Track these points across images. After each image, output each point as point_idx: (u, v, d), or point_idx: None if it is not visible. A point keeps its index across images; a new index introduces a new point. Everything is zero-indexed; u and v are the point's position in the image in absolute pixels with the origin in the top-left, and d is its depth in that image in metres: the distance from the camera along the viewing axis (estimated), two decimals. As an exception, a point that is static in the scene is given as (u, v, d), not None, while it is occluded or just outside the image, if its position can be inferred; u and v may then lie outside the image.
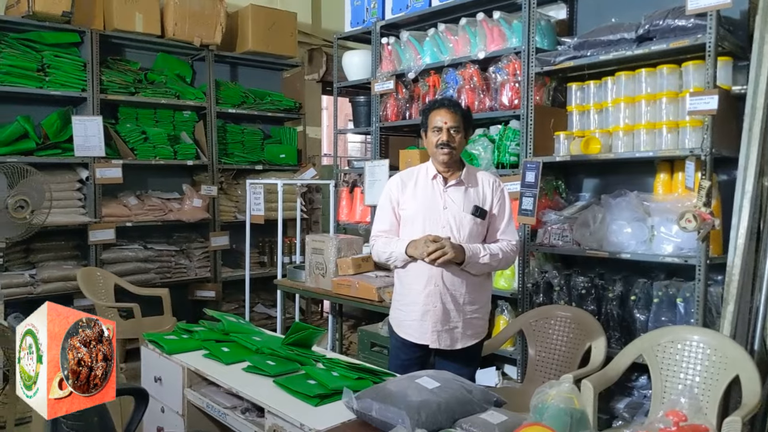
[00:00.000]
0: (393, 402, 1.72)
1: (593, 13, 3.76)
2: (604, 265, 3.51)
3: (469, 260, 2.52)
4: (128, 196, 4.99)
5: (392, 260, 2.66)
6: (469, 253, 2.51)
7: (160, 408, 2.41)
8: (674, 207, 3.07)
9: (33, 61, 4.40)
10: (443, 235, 2.53)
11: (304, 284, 4.08)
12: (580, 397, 1.49)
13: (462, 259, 2.51)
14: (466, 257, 2.51)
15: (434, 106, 2.64)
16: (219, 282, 5.36)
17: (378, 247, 2.71)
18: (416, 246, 2.53)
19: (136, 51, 5.19)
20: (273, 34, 5.56)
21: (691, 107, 2.87)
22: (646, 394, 3.22)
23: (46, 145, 4.49)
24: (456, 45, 4.05)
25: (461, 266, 2.54)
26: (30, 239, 4.21)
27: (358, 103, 4.91)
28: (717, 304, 3.01)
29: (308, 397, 1.90)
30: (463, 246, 2.51)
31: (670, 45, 3.02)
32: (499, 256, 2.59)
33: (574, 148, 3.44)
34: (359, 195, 4.79)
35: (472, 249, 2.53)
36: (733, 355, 2.54)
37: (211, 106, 5.30)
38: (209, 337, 2.50)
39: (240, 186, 5.51)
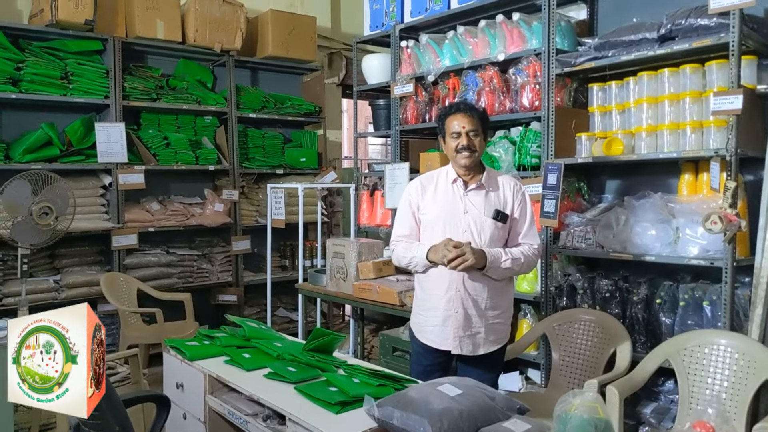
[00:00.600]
0: (414, 410, 1.71)
1: (614, 13, 3.71)
2: (629, 267, 3.46)
3: (491, 265, 2.49)
4: (151, 202, 5.04)
5: (413, 265, 2.65)
6: (491, 257, 2.49)
7: (182, 414, 2.42)
8: (699, 208, 3.03)
9: (57, 69, 4.48)
10: (464, 239, 2.51)
11: (325, 288, 4.09)
12: (605, 407, 1.47)
13: (483, 264, 2.48)
14: (488, 262, 2.48)
15: (450, 111, 2.62)
16: (241, 286, 5.40)
17: (398, 252, 2.69)
18: (436, 250, 2.52)
19: (157, 57, 5.26)
20: (293, 38, 5.59)
21: (715, 107, 2.82)
22: (673, 399, 3.17)
23: (70, 151, 4.56)
24: (475, 47, 4.02)
25: (483, 271, 2.52)
26: (54, 245, 4.27)
27: (378, 106, 4.91)
28: (745, 307, 2.96)
29: (329, 404, 1.90)
30: (484, 251, 2.49)
31: (693, 44, 2.97)
32: (521, 260, 2.56)
33: (596, 150, 3.40)
34: (380, 198, 4.78)
35: (493, 254, 2.51)
36: (762, 359, 2.49)
37: (232, 111, 5.33)
38: (230, 343, 2.51)
39: (261, 190, 5.54)
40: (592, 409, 1.44)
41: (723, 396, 2.54)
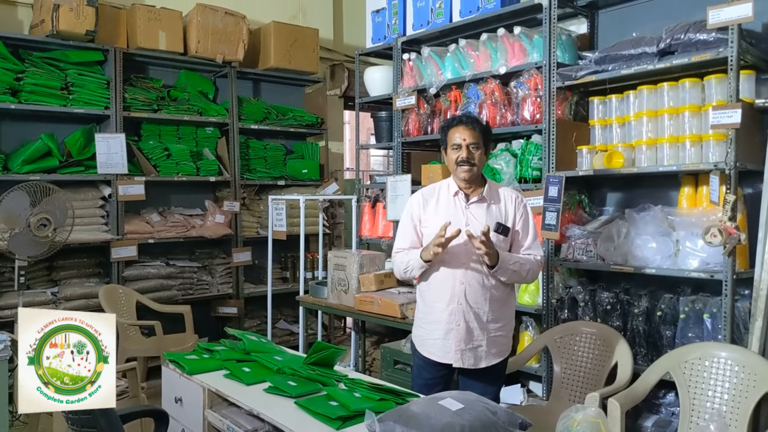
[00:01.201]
0: (416, 425, 1.71)
1: (614, 27, 3.74)
2: (630, 280, 3.46)
3: (501, 265, 2.49)
4: (151, 213, 5.04)
5: (409, 270, 2.63)
6: (502, 257, 2.49)
7: (181, 429, 2.41)
8: (699, 221, 3.04)
9: (57, 79, 4.48)
10: (465, 252, 2.51)
11: (327, 301, 4.08)
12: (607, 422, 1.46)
13: (495, 262, 2.48)
14: (499, 260, 2.48)
15: (452, 124, 2.64)
16: (241, 298, 5.38)
17: (397, 260, 2.70)
18: (427, 246, 2.51)
19: (159, 68, 5.27)
20: (295, 50, 5.61)
21: (714, 121, 2.84)
22: (674, 411, 3.16)
23: (69, 162, 4.55)
24: (477, 60, 4.04)
25: (492, 270, 2.51)
26: (52, 257, 4.25)
27: (380, 118, 4.93)
28: (744, 319, 2.96)
29: (330, 419, 1.89)
30: (498, 252, 2.49)
31: (692, 59, 2.99)
32: (526, 265, 2.57)
33: (597, 162, 3.41)
34: (381, 210, 4.79)
35: (504, 255, 2.52)
36: (762, 372, 2.50)
37: (234, 123, 5.34)
38: (230, 357, 2.51)
39: (262, 201, 5.54)
40: (594, 425, 1.43)
41: (723, 409, 2.54)
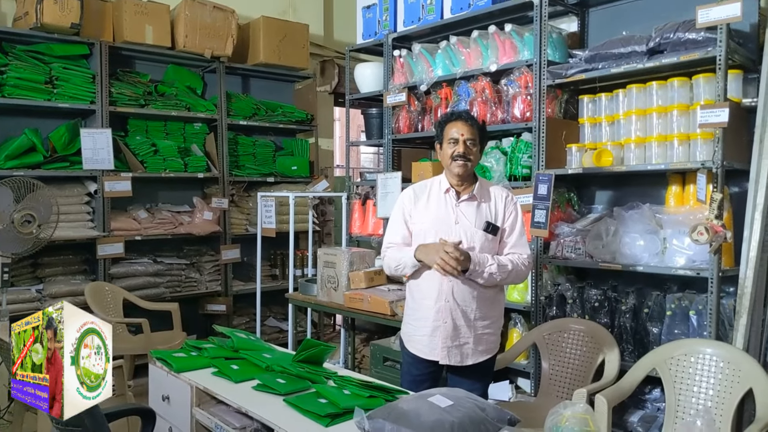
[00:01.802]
0: (405, 422, 1.70)
1: (604, 25, 3.75)
2: (617, 277, 3.49)
3: (474, 268, 2.48)
4: (138, 210, 4.99)
5: (401, 267, 2.63)
6: (476, 260, 2.48)
7: (168, 428, 2.39)
8: (686, 219, 3.06)
9: (41, 73, 4.41)
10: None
11: (316, 298, 4.07)
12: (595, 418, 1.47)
13: (466, 267, 2.47)
14: (471, 263, 2.47)
15: (450, 119, 2.63)
16: (230, 295, 5.36)
17: (387, 257, 2.69)
18: (427, 252, 2.51)
19: (146, 63, 5.21)
20: (285, 45, 5.57)
21: (702, 120, 2.85)
22: (660, 407, 3.19)
23: (54, 158, 4.49)
24: (468, 57, 4.04)
25: (465, 275, 2.50)
26: (37, 254, 4.19)
27: (371, 115, 4.91)
28: (729, 316, 2.99)
29: (319, 416, 1.88)
30: (469, 254, 2.48)
31: (681, 58, 3.01)
32: (508, 267, 2.54)
33: (587, 161, 3.43)
34: (372, 207, 4.78)
35: (478, 258, 2.50)
36: (746, 368, 2.53)
37: (222, 118, 5.31)
38: (218, 355, 2.49)
39: (251, 198, 5.51)
40: (583, 421, 1.44)
41: (708, 404, 2.57)
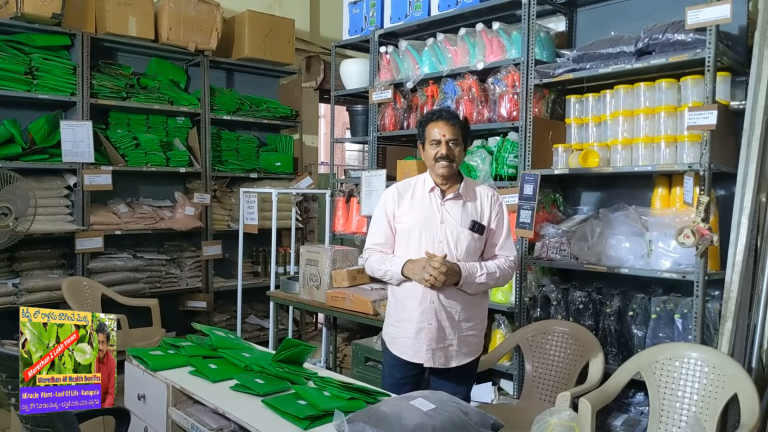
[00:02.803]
0: (386, 426, 1.66)
1: (593, 25, 3.73)
2: (602, 279, 3.47)
3: (465, 281, 2.46)
4: (118, 204, 4.91)
5: (387, 278, 2.60)
6: (465, 272, 2.45)
7: (144, 428, 2.33)
8: (672, 222, 3.04)
9: (21, 63, 4.32)
10: (440, 250, 2.47)
11: (298, 296, 4.01)
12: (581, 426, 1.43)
13: (457, 281, 2.45)
14: (462, 278, 2.45)
15: (432, 118, 2.58)
16: (211, 292, 5.28)
17: (372, 262, 2.63)
18: (414, 269, 2.47)
19: (128, 55, 5.12)
20: (270, 40, 5.51)
21: (690, 122, 2.84)
22: (644, 411, 3.18)
23: (33, 150, 4.40)
24: (455, 55, 4.01)
25: (457, 287, 2.48)
26: (14, 247, 4.12)
27: (356, 112, 4.86)
28: (714, 320, 2.98)
29: (298, 419, 1.83)
30: (459, 266, 2.45)
31: (670, 59, 2.99)
32: (496, 274, 2.53)
33: (573, 161, 3.40)
34: (356, 205, 4.73)
35: (468, 268, 2.47)
36: (731, 373, 2.52)
37: (206, 113, 5.23)
38: (196, 353, 2.43)
39: (234, 194, 5.44)
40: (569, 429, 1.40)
41: (693, 409, 2.55)
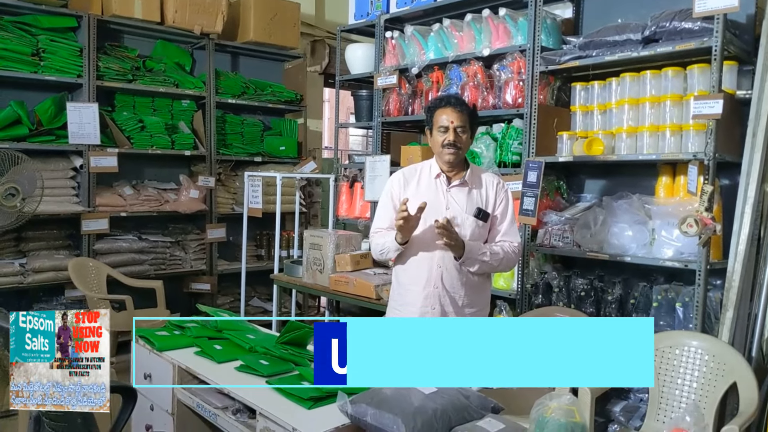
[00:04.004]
0: (388, 408, 1.69)
1: (599, 12, 3.71)
2: (604, 267, 3.48)
3: (468, 255, 2.46)
4: (123, 186, 4.93)
5: (386, 251, 2.59)
6: (468, 248, 2.46)
7: (150, 406, 2.38)
8: (676, 211, 3.04)
9: (28, 45, 4.33)
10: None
11: (301, 280, 4.04)
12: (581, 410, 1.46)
13: (460, 254, 2.46)
14: (465, 251, 2.45)
15: (440, 105, 2.58)
16: (215, 275, 5.32)
17: (374, 241, 2.66)
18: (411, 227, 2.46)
19: (134, 38, 5.13)
20: (275, 24, 5.50)
21: (695, 111, 2.83)
22: (643, 398, 3.20)
23: (40, 131, 4.42)
24: (460, 41, 3.99)
25: (459, 261, 2.49)
26: (21, 228, 4.15)
27: (361, 97, 4.86)
28: (716, 309, 2.99)
29: (302, 399, 1.87)
30: (463, 241, 2.47)
31: (676, 47, 2.98)
32: (499, 255, 2.54)
33: (577, 149, 3.40)
34: (359, 190, 4.74)
35: (471, 245, 2.49)
36: (731, 362, 2.53)
37: (211, 96, 5.24)
38: (202, 334, 2.46)
39: (238, 178, 5.46)
40: (569, 413, 1.43)
41: (692, 397, 2.57)
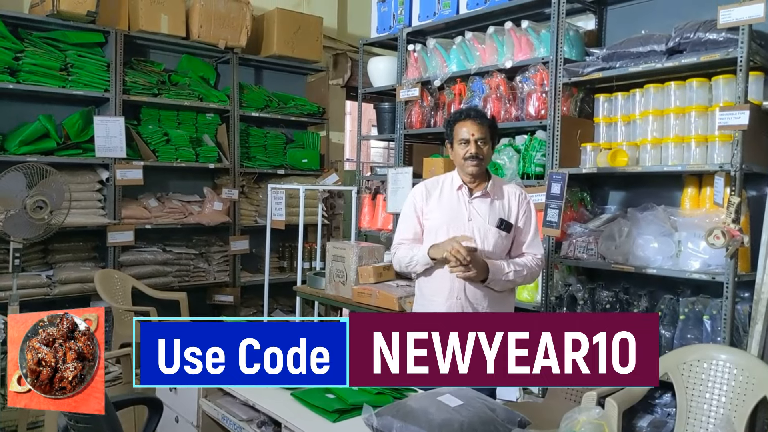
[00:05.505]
0: (414, 420, 1.69)
1: (622, 24, 3.69)
2: (630, 279, 3.44)
3: (492, 277, 2.47)
4: (148, 198, 5.00)
5: (413, 264, 2.60)
6: (493, 269, 2.47)
7: (174, 417, 2.39)
8: (702, 222, 3.01)
9: (56, 60, 4.42)
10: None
11: (324, 291, 4.05)
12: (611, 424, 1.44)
13: (485, 278, 2.46)
14: (490, 274, 2.46)
15: (460, 118, 2.59)
16: (238, 286, 5.35)
17: (400, 253, 2.66)
18: (439, 248, 2.48)
19: (160, 52, 5.21)
20: (298, 38, 5.55)
21: (721, 122, 2.81)
22: (670, 412, 3.14)
23: (67, 145, 4.50)
24: (483, 53, 4.00)
25: (484, 284, 2.50)
26: (48, 239, 4.19)
27: (383, 109, 4.88)
28: (744, 322, 2.94)
29: (327, 412, 1.87)
30: (486, 263, 2.47)
31: (701, 58, 2.96)
32: (523, 272, 2.54)
33: (601, 160, 3.39)
34: (381, 202, 4.75)
35: (496, 266, 2.49)
36: (761, 375, 2.48)
37: (235, 109, 5.30)
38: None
39: (261, 190, 5.50)
40: (598, 427, 1.41)
41: (721, 411, 2.53)
